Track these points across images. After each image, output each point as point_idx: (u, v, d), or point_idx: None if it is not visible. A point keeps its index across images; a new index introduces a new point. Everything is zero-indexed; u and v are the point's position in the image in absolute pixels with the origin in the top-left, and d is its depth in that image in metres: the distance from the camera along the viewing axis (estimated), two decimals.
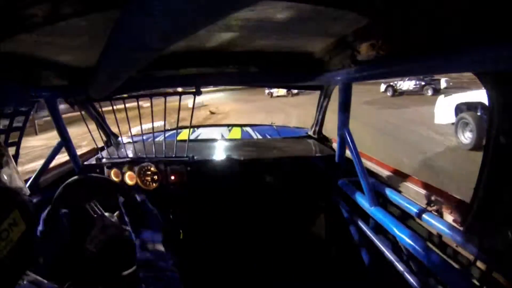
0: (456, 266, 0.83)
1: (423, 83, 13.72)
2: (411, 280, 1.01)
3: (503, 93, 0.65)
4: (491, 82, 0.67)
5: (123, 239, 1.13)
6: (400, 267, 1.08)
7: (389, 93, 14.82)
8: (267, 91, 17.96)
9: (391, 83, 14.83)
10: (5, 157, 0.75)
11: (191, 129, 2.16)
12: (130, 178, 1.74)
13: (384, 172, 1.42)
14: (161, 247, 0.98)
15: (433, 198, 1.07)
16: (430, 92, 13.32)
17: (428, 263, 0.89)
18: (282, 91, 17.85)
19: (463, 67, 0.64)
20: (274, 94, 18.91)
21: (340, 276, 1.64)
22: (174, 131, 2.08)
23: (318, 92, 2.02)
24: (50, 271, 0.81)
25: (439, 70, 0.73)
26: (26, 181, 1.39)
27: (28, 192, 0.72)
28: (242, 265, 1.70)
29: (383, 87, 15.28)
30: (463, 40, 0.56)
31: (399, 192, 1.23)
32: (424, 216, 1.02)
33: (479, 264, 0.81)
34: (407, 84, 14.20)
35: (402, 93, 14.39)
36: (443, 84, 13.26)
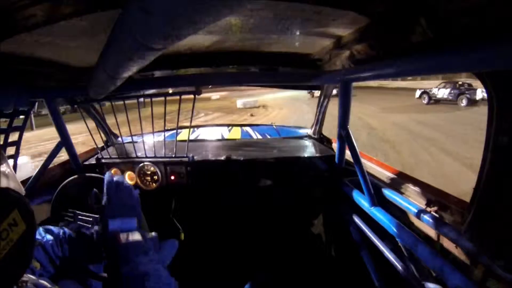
0: (456, 266, 0.83)
1: (458, 91, 12.76)
2: (411, 280, 1.01)
3: (502, 93, 0.66)
4: (491, 82, 0.67)
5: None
6: (400, 267, 1.08)
7: (424, 101, 13.89)
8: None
9: (427, 90, 14.01)
10: (4, 157, 0.75)
11: (191, 129, 2.16)
12: (130, 178, 1.74)
13: (384, 172, 1.42)
14: (137, 236, 0.95)
15: (433, 198, 1.07)
16: (464, 103, 12.38)
17: (428, 263, 0.89)
18: None
19: (463, 67, 0.64)
20: (315, 94, 18.84)
21: (340, 276, 1.64)
22: (174, 131, 2.08)
23: (366, 93, 1.99)
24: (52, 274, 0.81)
25: (439, 70, 0.73)
26: (26, 181, 1.39)
27: (24, 192, 0.72)
28: (242, 266, 1.70)
29: (418, 93, 14.39)
30: (462, 40, 0.56)
31: (399, 192, 1.23)
32: (424, 216, 1.02)
33: (479, 264, 0.81)
34: (442, 92, 13.35)
35: (438, 101, 13.46)
36: (479, 94, 12.04)
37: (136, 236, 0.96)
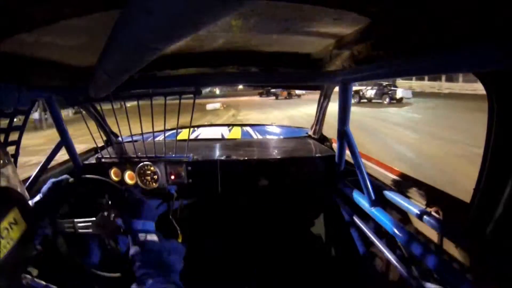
0: (456, 266, 0.83)
1: (382, 92, 15.90)
2: (411, 280, 1.01)
3: (502, 93, 0.66)
4: (491, 82, 0.67)
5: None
6: (400, 267, 1.08)
7: (355, 100, 16.29)
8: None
9: (357, 90, 16.56)
10: (5, 157, 0.75)
11: (191, 129, 2.16)
12: (130, 177, 1.74)
13: (384, 172, 1.42)
14: (154, 238, 0.98)
15: (433, 198, 1.07)
16: (387, 101, 15.52)
17: (428, 263, 0.89)
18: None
19: (463, 67, 0.64)
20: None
21: (340, 276, 1.64)
22: (174, 131, 2.08)
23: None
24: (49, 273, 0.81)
25: (439, 70, 0.73)
26: (25, 180, 1.39)
27: (26, 192, 0.72)
28: (242, 266, 1.70)
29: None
30: (463, 40, 0.56)
31: (399, 192, 1.23)
32: (424, 216, 1.02)
33: (479, 264, 0.81)
34: (369, 93, 16.29)
35: (370, 99, 16.32)
36: (399, 94, 15.03)
37: (153, 238, 0.99)
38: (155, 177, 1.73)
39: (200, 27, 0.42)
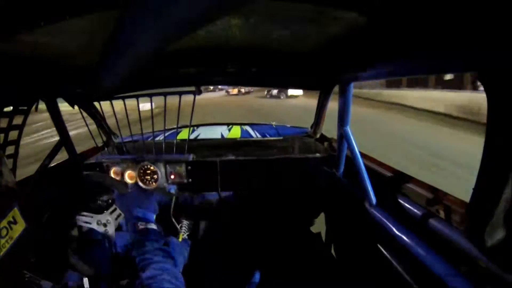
0: (456, 266, 0.83)
1: (277, 90, 21.84)
2: (411, 280, 1.02)
3: (502, 92, 0.66)
4: (491, 82, 0.67)
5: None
6: (400, 267, 1.08)
7: (268, 96, 22.82)
8: None
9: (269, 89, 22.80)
10: (2, 157, 0.75)
11: (191, 129, 2.16)
12: (130, 177, 1.74)
13: (384, 172, 1.42)
14: (154, 227, 1.01)
15: (433, 198, 1.07)
16: (283, 97, 21.37)
17: (428, 264, 0.90)
18: None
19: (463, 66, 0.64)
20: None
21: (340, 276, 1.64)
22: (174, 130, 2.08)
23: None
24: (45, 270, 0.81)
25: (440, 70, 0.73)
26: (26, 180, 1.39)
27: (25, 192, 0.72)
28: (242, 265, 1.70)
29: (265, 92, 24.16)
30: (463, 40, 0.56)
31: (399, 192, 1.23)
32: (424, 216, 1.02)
33: (479, 264, 0.81)
34: (274, 92, 22.18)
35: (273, 96, 22.45)
36: (289, 92, 21.06)
37: (152, 226, 1.03)
38: (155, 176, 1.73)
39: (200, 27, 0.42)
